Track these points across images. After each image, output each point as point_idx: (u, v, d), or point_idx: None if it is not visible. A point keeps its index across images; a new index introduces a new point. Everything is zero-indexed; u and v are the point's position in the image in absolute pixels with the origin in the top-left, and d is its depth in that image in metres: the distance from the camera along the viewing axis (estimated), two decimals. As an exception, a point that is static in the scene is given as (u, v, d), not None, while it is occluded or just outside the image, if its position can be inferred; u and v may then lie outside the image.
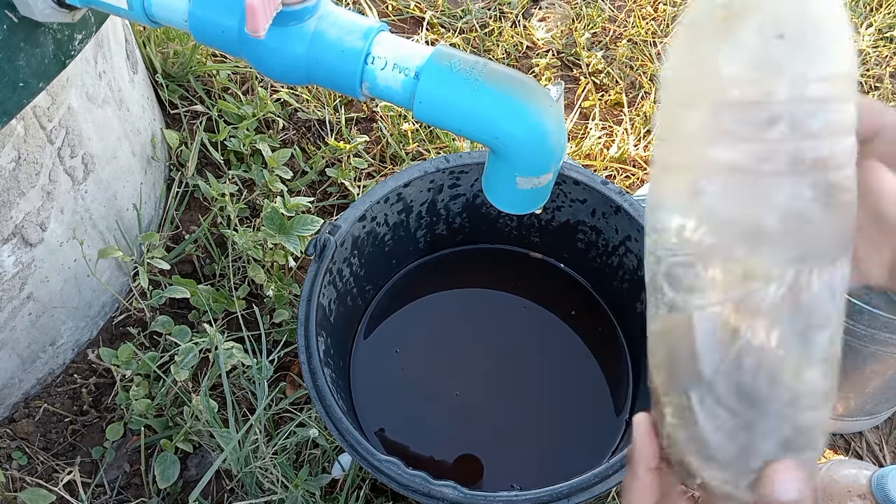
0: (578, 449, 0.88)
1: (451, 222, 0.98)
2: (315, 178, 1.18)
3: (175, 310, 1.03)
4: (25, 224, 0.81)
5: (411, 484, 0.66)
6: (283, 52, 0.55)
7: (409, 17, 1.48)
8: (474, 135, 0.56)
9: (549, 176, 0.58)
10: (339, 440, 0.70)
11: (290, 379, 1.00)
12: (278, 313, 1.01)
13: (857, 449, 1.02)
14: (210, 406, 0.85)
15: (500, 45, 1.43)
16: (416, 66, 0.54)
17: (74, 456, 0.92)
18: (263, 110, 1.20)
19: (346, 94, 0.78)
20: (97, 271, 0.94)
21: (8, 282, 0.82)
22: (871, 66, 1.45)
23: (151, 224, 1.09)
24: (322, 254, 0.80)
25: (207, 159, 1.16)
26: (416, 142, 1.24)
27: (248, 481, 0.85)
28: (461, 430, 0.89)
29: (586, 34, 1.44)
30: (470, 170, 0.90)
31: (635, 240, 0.88)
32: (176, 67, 1.19)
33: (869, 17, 1.53)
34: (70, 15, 0.64)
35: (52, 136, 0.81)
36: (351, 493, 0.88)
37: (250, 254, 0.99)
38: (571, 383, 0.93)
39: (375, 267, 0.95)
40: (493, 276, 1.02)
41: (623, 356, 0.95)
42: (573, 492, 0.67)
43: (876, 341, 0.82)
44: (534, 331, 0.97)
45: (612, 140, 1.30)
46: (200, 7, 0.56)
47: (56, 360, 0.96)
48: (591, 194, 0.89)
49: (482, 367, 0.94)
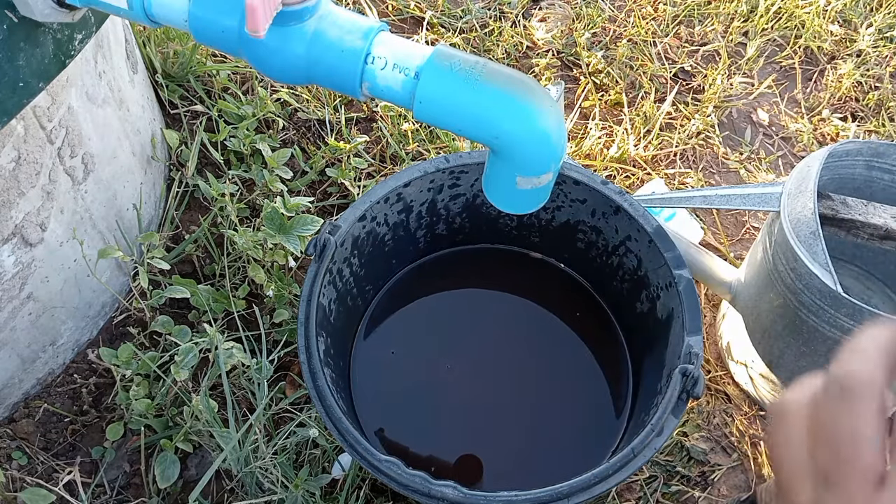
0: (578, 449, 0.88)
1: (451, 222, 0.98)
2: (315, 178, 1.18)
3: (175, 310, 1.03)
4: (25, 224, 0.81)
5: (411, 484, 0.66)
6: (283, 52, 0.55)
7: (409, 17, 1.48)
8: (474, 135, 0.56)
9: (549, 176, 0.58)
10: (339, 440, 0.70)
11: (290, 379, 1.00)
12: (278, 313, 1.00)
13: (857, 449, 1.02)
14: (210, 406, 0.85)
15: (500, 45, 1.43)
16: (416, 66, 0.54)
17: (74, 456, 0.92)
18: (263, 110, 1.20)
19: (346, 94, 0.78)
20: (97, 271, 0.94)
21: (8, 282, 0.82)
22: (871, 67, 1.45)
23: (151, 224, 1.09)
24: (322, 254, 0.80)
25: (207, 159, 1.16)
26: (416, 142, 1.24)
27: (248, 481, 0.85)
28: (461, 430, 0.89)
29: (586, 34, 1.44)
30: (470, 170, 0.90)
31: (635, 240, 0.88)
32: (176, 67, 1.19)
33: (869, 17, 1.53)
34: (70, 15, 0.64)
35: (52, 136, 0.81)
36: (351, 493, 0.88)
37: (250, 254, 0.99)
38: (571, 383, 0.93)
39: (375, 267, 0.95)
40: (493, 276, 1.02)
41: (623, 356, 0.95)
42: (573, 492, 0.67)
43: (876, 341, 0.82)
44: (534, 331, 0.97)
45: (612, 140, 1.30)
46: (200, 7, 0.56)
47: (56, 360, 0.96)
48: (591, 194, 0.89)
49: (482, 367, 0.94)
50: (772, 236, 0.89)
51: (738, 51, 1.48)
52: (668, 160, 1.31)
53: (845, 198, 0.92)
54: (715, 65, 1.44)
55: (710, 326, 1.12)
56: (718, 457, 1.00)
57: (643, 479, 0.96)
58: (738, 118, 1.39)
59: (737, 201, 0.92)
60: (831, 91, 1.42)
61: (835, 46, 1.49)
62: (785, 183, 0.90)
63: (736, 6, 1.52)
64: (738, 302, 1.00)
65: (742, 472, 0.99)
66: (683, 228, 1.17)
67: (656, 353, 0.85)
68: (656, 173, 1.28)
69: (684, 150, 1.32)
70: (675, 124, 1.35)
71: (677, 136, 1.32)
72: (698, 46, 1.48)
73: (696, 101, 1.39)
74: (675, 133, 1.33)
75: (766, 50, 1.49)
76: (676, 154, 1.31)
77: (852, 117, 1.40)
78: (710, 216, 1.25)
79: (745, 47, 1.48)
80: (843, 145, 0.92)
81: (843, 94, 1.42)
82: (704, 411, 1.03)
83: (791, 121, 1.39)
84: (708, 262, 1.02)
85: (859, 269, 1.11)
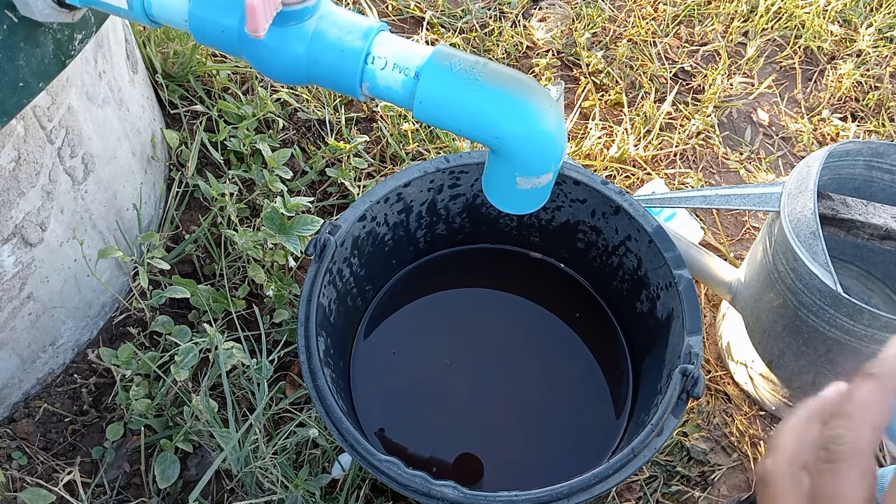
0: (578, 449, 0.88)
1: (451, 222, 0.98)
2: (315, 178, 1.18)
3: (175, 310, 1.03)
4: (25, 224, 0.81)
5: (411, 484, 0.66)
6: (283, 52, 0.55)
7: (409, 17, 1.48)
8: (474, 135, 0.56)
9: (549, 176, 0.58)
10: (339, 440, 0.70)
11: (290, 379, 1.00)
12: (278, 313, 1.01)
13: (857, 449, 1.02)
14: (210, 406, 0.85)
15: (500, 45, 1.43)
16: (416, 66, 0.54)
17: (74, 456, 0.92)
18: (263, 110, 1.20)
19: (346, 94, 0.78)
20: (97, 271, 0.94)
21: (8, 282, 0.82)
22: (871, 67, 1.45)
23: (151, 224, 1.09)
24: (322, 254, 0.80)
25: (207, 159, 1.16)
26: (416, 142, 1.24)
27: (248, 481, 0.85)
28: (461, 430, 0.89)
29: (586, 34, 1.44)
30: (470, 170, 0.90)
31: (635, 240, 0.88)
32: (176, 67, 1.19)
33: (869, 17, 1.53)
34: (70, 15, 0.64)
35: (52, 135, 0.81)
36: (351, 493, 0.88)
37: (250, 254, 0.99)
38: (571, 383, 0.93)
39: (375, 267, 0.95)
40: (493, 276, 1.02)
41: (623, 356, 0.95)
42: (573, 492, 0.67)
43: (876, 341, 0.82)
44: (534, 331, 0.97)
45: (612, 140, 1.30)
46: (200, 7, 0.56)
47: (56, 360, 0.96)
48: (591, 194, 0.89)
49: (482, 367, 0.94)
50: (772, 236, 0.89)
51: (738, 51, 1.48)
52: (668, 160, 1.31)
53: (845, 198, 0.92)
54: (715, 65, 1.44)
55: (710, 326, 1.12)
56: (718, 457, 1.00)
57: (643, 479, 0.96)
58: (738, 118, 1.39)
59: (737, 201, 0.92)
60: (831, 91, 1.42)
61: (835, 46, 1.49)
62: (785, 183, 0.90)
63: (736, 6, 1.52)
64: (738, 302, 1.00)
65: (742, 472, 0.99)
66: (683, 228, 1.17)
67: (656, 353, 0.85)
68: (656, 173, 1.28)
69: (684, 150, 1.32)
70: (675, 124, 1.35)
71: (677, 136, 1.32)
72: (698, 46, 1.48)
73: (696, 101, 1.39)
74: (675, 133, 1.33)
75: (766, 50, 1.49)
76: (676, 154, 1.32)
77: (852, 117, 1.40)
78: (710, 216, 1.25)
79: (745, 47, 1.48)
80: (843, 145, 0.92)
81: (843, 94, 1.42)
82: (704, 411, 1.03)
83: (791, 121, 1.39)
84: (708, 262, 1.02)
85: (859, 269, 1.11)
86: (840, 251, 1.10)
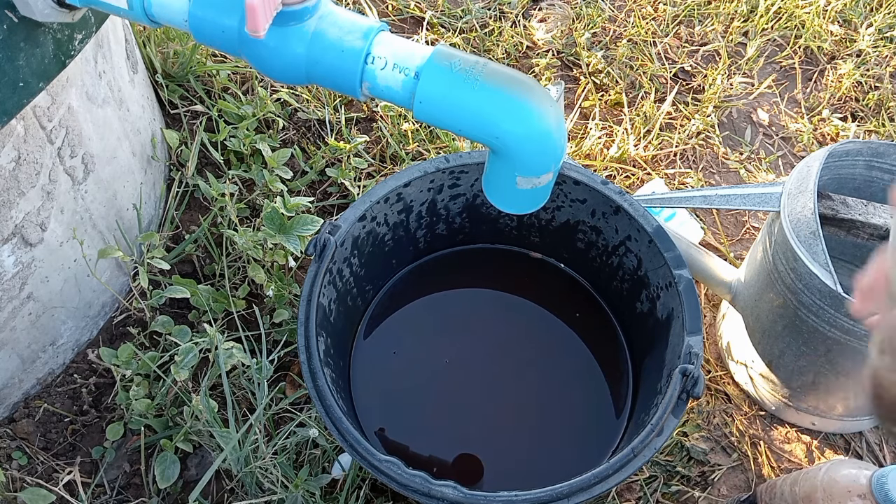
0: (578, 449, 0.88)
1: (451, 222, 0.98)
2: (315, 178, 1.18)
3: (175, 310, 1.03)
4: (25, 224, 0.81)
5: (411, 484, 0.66)
6: (283, 52, 0.55)
7: (409, 17, 1.48)
8: (474, 134, 0.56)
9: (549, 176, 0.58)
10: (339, 440, 0.70)
11: (290, 379, 1.00)
12: (278, 313, 1.01)
13: (857, 449, 1.02)
14: (210, 406, 0.85)
15: (500, 45, 1.43)
16: (416, 66, 0.54)
17: (74, 456, 0.92)
18: (263, 110, 1.20)
19: (346, 94, 0.78)
20: (97, 271, 0.94)
21: (8, 282, 0.82)
22: (871, 67, 1.45)
23: (151, 224, 1.09)
24: (322, 254, 0.80)
25: (207, 159, 1.16)
26: (416, 142, 1.24)
27: (248, 481, 0.85)
28: (461, 430, 0.89)
29: (586, 34, 1.44)
30: (470, 170, 0.90)
31: (635, 240, 0.88)
32: (176, 67, 1.19)
33: (869, 17, 1.53)
34: (70, 15, 0.64)
35: (52, 135, 0.81)
36: (351, 493, 0.88)
37: (250, 254, 0.99)
38: (571, 383, 0.93)
39: (375, 267, 0.95)
40: (493, 276, 1.02)
41: (623, 356, 0.95)
42: (573, 492, 0.67)
43: (876, 341, 0.82)
44: (534, 331, 0.97)
45: (612, 140, 1.30)
46: (200, 7, 0.56)
47: (56, 360, 0.96)
48: (591, 194, 0.89)
49: (482, 367, 0.94)
50: (772, 236, 0.89)
51: (738, 51, 1.48)
52: (668, 160, 1.31)
53: (845, 198, 0.92)
54: (715, 65, 1.44)
55: (710, 326, 1.12)
56: (718, 457, 1.00)
57: (643, 479, 0.96)
58: (738, 118, 1.39)
59: (737, 201, 0.92)
60: (831, 91, 1.43)
61: (835, 46, 1.49)
62: (785, 183, 0.90)
63: (736, 6, 1.52)
64: (738, 302, 1.00)
65: (742, 472, 0.99)
66: (683, 228, 1.17)
67: (656, 353, 0.85)
68: (656, 173, 1.28)
69: (684, 150, 1.32)
70: (675, 124, 1.35)
71: (677, 136, 1.32)
72: (698, 46, 1.48)
73: (696, 101, 1.39)
74: (675, 133, 1.33)
75: (766, 50, 1.49)
76: (676, 154, 1.32)
77: (852, 117, 1.40)
78: (710, 216, 1.25)
79: (745, 47, 1.48)
80: (843, 145, 0.92)
81: (843, 94, 1.42)
82: (704, 411, 1.03)
83: (791, 121, 1.39)
84: (708, 262, 1.02)
85: (859, 269, 1.11)
86: (840, 251, 1.10)
